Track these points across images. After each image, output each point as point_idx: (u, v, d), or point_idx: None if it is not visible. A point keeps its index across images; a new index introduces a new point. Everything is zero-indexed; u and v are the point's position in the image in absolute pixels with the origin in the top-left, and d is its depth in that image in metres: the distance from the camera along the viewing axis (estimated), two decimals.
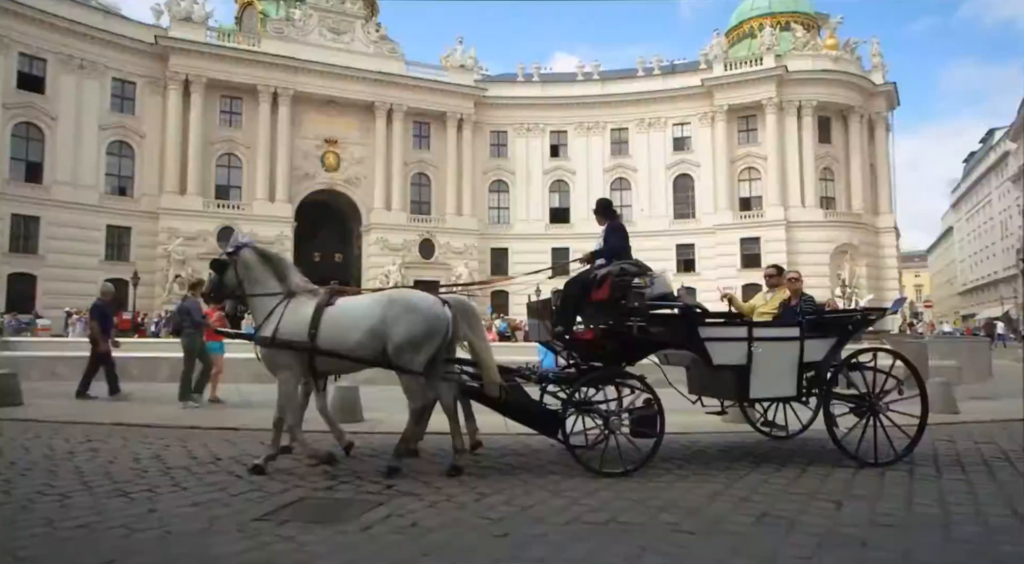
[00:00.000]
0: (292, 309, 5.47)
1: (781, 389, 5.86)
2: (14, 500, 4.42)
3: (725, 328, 6.05)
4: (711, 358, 5.70)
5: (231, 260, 5.82)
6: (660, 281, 5.94)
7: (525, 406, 5.69)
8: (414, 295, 5.57)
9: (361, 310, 5.45)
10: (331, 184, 41.22)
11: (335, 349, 5.32)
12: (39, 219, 33.27)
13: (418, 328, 5.26)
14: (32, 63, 33.88)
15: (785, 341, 5.82)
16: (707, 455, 6.34)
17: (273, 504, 4.37)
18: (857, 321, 6.28)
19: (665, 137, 44.23)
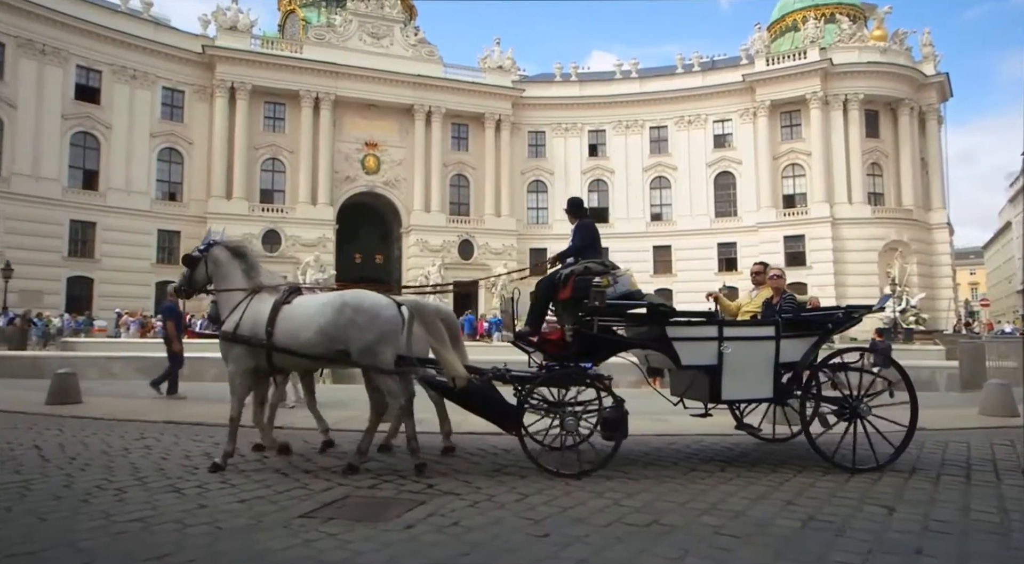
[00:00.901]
0: (253, 305, 5.65)
1: (756, 390, 5.66)
2: (75, 494, 4.60)
3: (693, 328, 5.80)
4: (679, 358, 5.58)
5: (202, 256, 6.00)
6: (624, 280, 5.80)
7: (486, 401, 5.64)
8: (366, 297, 5.61)
9: (314, 309, 5.54)
10: (371, 186, 41.81)
11: (288, 346, 5.45)
12: (95, 224, 34.64)
13: (371, 327, 5.33)
14: (88, 75, 35.31)
15: (759, 341, 5.63)
16: (751, 457, 6.22)
17: (317, 502, 4.45)
18: (838, 320, 5.94)
19: (705, 134, 43.59)
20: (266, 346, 5.49)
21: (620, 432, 5.44)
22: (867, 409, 5.57)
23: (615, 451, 5.41)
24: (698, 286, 40.16)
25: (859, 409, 5.56)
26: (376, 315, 5.38)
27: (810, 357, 5.68)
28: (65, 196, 33.79)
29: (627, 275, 5.91)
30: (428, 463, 5.49)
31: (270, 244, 37.96)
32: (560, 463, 5.33)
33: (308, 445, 6.47)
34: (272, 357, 5.56)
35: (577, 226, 6.23)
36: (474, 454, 6.18)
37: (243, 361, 5.60)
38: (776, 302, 6.16)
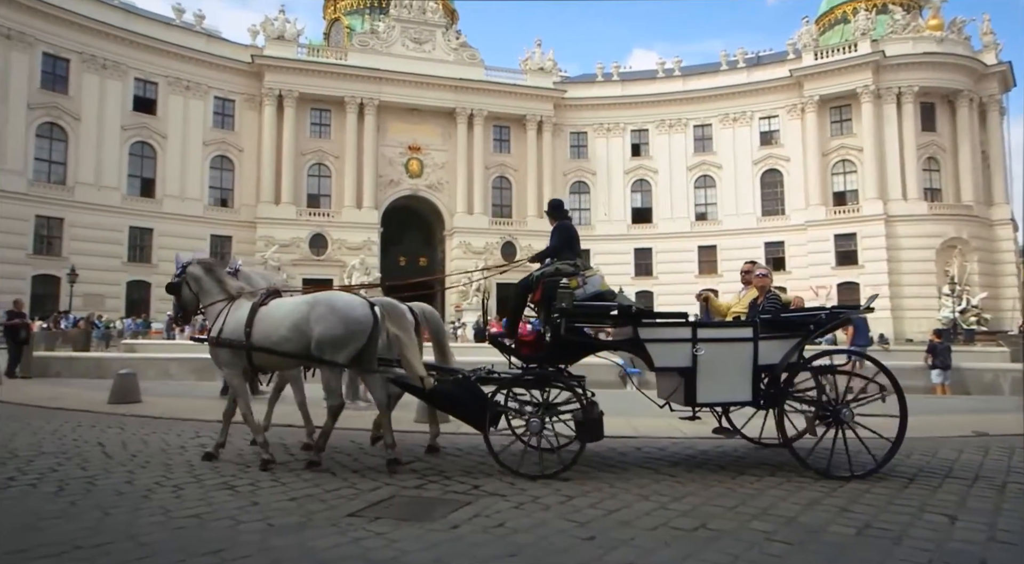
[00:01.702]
0: (233, 311, 5.93)
1: (733, 393, 5.49)
2: (136, 490, 4.79)
3: (667, 329, 5.67)
4: (652, 360, 5.49)
5: (181, 279, 6.26)
6: (593, 281, 5.71)
7: (453, 400, 5.66)
8: (338, 297, 5.77)
9: (287, 308, 5.75)
10: (415, 190, 42.33)
11: (264, 344, 5.67)
12: (152, 231, 36.02)
13: (338, 328, 5.45)
14: (146, 87, 36.77)
15: (735, 342, 5.47)
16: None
17: (365, 501, 4.52)
18: (820, 321, 5.63)
19: (751, 131, 42.73)
20: (245, 346, 5.74)
21: (592, 434, 5.41)
22: (850, 414, 5.33)
23: (579, 454, 5.34)
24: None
25: (841, 414, 5.32)
26: (346, 314, 5.51)
27: (789, 359, 5.47)
28: (125, 204, 35.26)
29: (597, 276, 5.81)
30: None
31: (316, 248, 38.78)
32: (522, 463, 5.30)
33: (355, 444, 6.58)
34: (252, 357, 5.82)
35: (555, 227, 6.20)
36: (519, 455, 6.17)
37: (233, 364, 5.92)
38: (760, 302, 6.00)
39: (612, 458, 6.14)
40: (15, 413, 8.99)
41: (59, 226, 33.12)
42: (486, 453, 5.49)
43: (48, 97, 33.24)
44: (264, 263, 36.51)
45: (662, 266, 43.21)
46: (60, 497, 4.58)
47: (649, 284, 43.23)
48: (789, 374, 5.49)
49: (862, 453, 5.27)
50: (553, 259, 5.97)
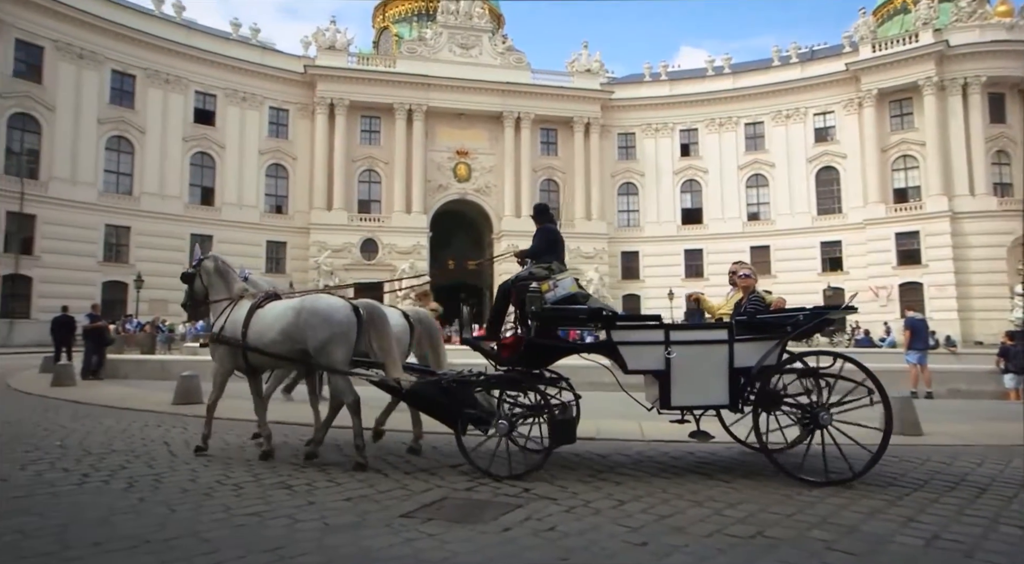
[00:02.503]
0: (235, 311, 6.23)
1: (708, 396, 5.37)
2: (199, 488, 4.97)
3: (639, 332, 5.61)
4: (625, 363, 5.42)
5: (196, 271, 6.63)
6: (564, 284, 5.67)
7: (429, 401, 5.76)
8: (320, 300, 5.95)
9: (278, 312, 5.97)
10: (463, 194, 42.70)
11: (257, 346, 5.94)
12: (212, 237, 37.31)
13: (322, 331, 5.66)
14: (205, 99, 38.21)
15: (710, 344, 5.34)
16: None
17: (417, 502, 4.58)
18: (797, 322, 5.42)
19: (805, 128, 41.57)
20: (241, 346, 6.00)
21: (561, 437, 5.45)
22: (828, 418, 5.16)
23: (547, 455, 5.36)
24: (800, 288, 38.39)
25: (820, 418, 5.16)
26: (328, 317, 5.71)
27: (765, 361, 5.30)
28: (186, 212, 36.71)
29: (569, 279, 5.78)
30: None
31: (368, 252, 39.51)
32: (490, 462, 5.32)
33: (406, 446, 6.66)
34: (247, 356, 6.06)
35: (538, 230, 6.27)
36: (569, 459, 6.15)
37: (226, 361, 6.23)
38: (743, 304, 5.89)
39: (664, 462, 6.06)
40: (89, 412, 9.45)
41: (126, 234, 34.70)
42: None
43: (116, 112, 34.91)
44: (317, 268, 37.45)
45: (713, 268, 42.33)
46: (130, 493, 4.79)
47: (700, 286, 42.35)
48: (765, 377, 5.35)
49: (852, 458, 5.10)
50: (535, 261, 6.01)
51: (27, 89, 31.81)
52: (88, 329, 15.22)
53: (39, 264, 31.24)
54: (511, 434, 5.48)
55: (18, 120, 31.72)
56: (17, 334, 29.42)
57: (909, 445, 6.92)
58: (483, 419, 5.54)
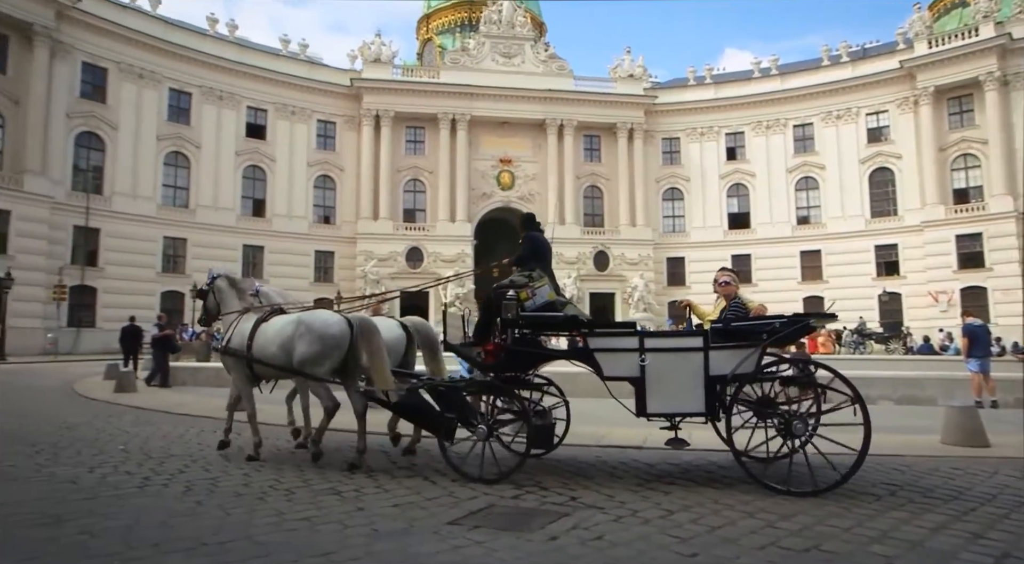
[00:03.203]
0: (241, 324, 6.64)
1: (684, 404, 5.33)
2: (252, 492, 5.10)
3: (614, 339, 5.59)
4: (601, 370, 5.46)
5: (209, 288, 7.13)
6: (542, 292, 5.78)
7: (415, 407, 5.99)
8: (316, 316, 6.30)
9: (278, 327, 6.36)
10: (507, 201, 42.87)
11: (260, 358, 6.35)
12: (263, 248, 38.46)
13: (315, 345, 6.03)
14: (256, 114, 39.44)
15: (685, 352, 5.31)
16: (926, 481, 5.60)
17: (464, 510, 4.60)
18: (774, 329, 5.27)
19: (857, 129, 40.35)
20: (246, 358, 6.40)
21: (538, 442, 5.68)
22: (802, 427, 5.07)
23: (523, 461, 5.42)
24: (854, 293, 37.22)
25: (793, 427, 5.07)
26: (323, 331, 6.07)
27: (740, 369, 5.20)
28: (239, 224, 37.89)
29: (546, 287, 5.86)
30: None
31: (413, 261, 40.01)
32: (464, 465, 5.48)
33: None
34: (252, 367, 6.46)
35: (523, 238, 6.44)
36: (616, 468, 6.09)
37: (239, 370, 6.61)
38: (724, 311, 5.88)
39: (713, 472, 5.94)
40: (149, 418, 9.81)
41: (183, 246, 35.99)
42: (584, 464, 5.48)
43: (173, 128, 36.33)
44: (364, 277, 38.10)
45: (762, 273, 41.45)
46: (187, 497, 4.95)
47: (749, 292, 41.29)
48: (739, 384, 5.24)
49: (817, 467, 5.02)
50: (520, 269, 6.17)
51: (92, 109, 33.41)
52: (157, 338, 15.78)
53: (103, 275, 32.66)
54: (490, 438, 5.56)
55: (84, 138, 33.33)
56: (83, 342, 30.79)
57: (975, 457, 6.63)
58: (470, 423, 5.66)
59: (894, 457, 6.52)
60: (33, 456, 6.54)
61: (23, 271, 27.81)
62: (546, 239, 6.51)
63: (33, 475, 5.69)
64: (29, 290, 28.33)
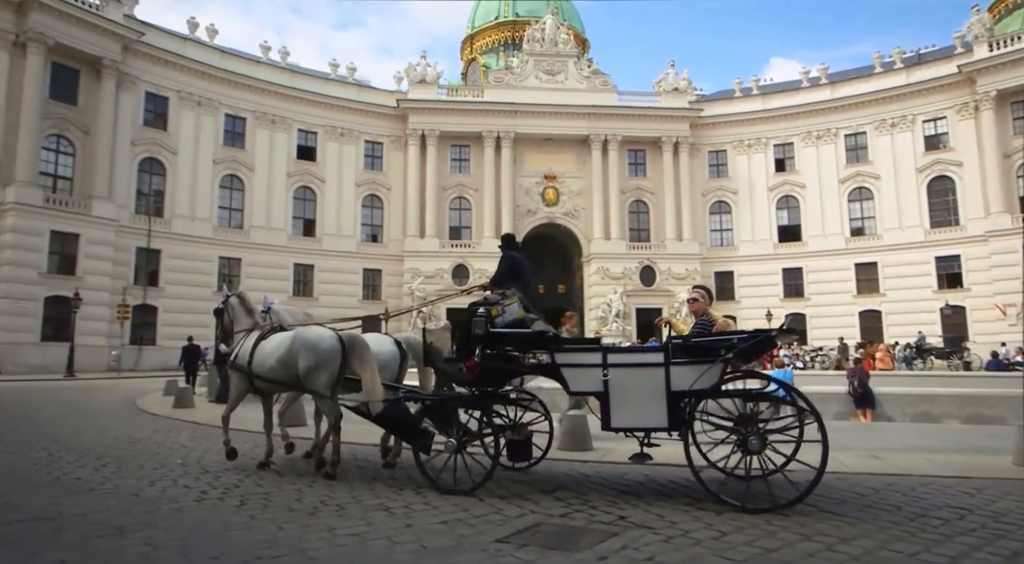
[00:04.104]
0: (246, 341, 7.07)
1: (647, 419, 5.37)
2: (304, 507, 5.19)
3: (580, 354, 5.69)
4: (568, 385, 5.60)
5: (224, 307, 7.63)
6: (511, 309, 5.99)
7: (396, 419, 6.21)
8: (310, 331, 6.63)
9: (276, 343, 6.72)
10: (552, 218, 42.93)
11: (259, 373, 6.72)
12: (313, 267, 39.42)
13: (309, 358, 6.36)
14: (307, 136, 40.66)
15: (646, 368, 5.38)
16: (999, 505, 5.31)
17: (512, 528, 4.57)
18: (732, 345, 5.21)
19: (913, 136, 39.07)
20: (247, 372, 6.81)
21: (515, 455, 6.04)
22: (757, 443, 5.01)
23: (490, 473, 5.56)
24: (914, 306, 35.83)
25: (749, 443, 5.03)
26: (315, 346, 6.40)
27: (698, 384, 5.20)
28: (290, 243, 38.97)
29: (516, 305, 6.06)
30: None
31: (459, 278, 40.33)
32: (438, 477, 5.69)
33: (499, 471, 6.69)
34: (253, 381, 6.85)
35: (501, 258, 6.72)
36: (665, 486, 5.98)
37: (240, 384, 7.05)
38: None
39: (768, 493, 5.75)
40: (206, 433, 10.12)
41: (238, 265, 37.19)
42: (632, 482, 5.42)
43: (229, 152, 37.76)
44: (411, 294, 38.62)
45: (815, 286, 40.33)
46: (242, 510, 5.07)
47: (801, 306, 40.49)
48: (695, 400, 5.25)
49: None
50: (496, 288, 6.42)
51: (154, 136, 35.04)
52: (225, 354, 16.29)
53: (163, 295, 33.99)
54: (461, 450, 5.76)
55: (147, 164, 34.94)
56: (144, 359, 32.02)
57: None
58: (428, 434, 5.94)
59: (961, 479, 6.22)
60: (100, 469, 6.81)
61: (90, 291, 29.19)
62: (524, 259, 6.78)
63: (99, 487, 5.93)
64: (95, 309, 29.68)
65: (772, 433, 5.15)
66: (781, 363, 20.77)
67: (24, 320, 28.27)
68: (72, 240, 30.24)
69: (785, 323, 6.40)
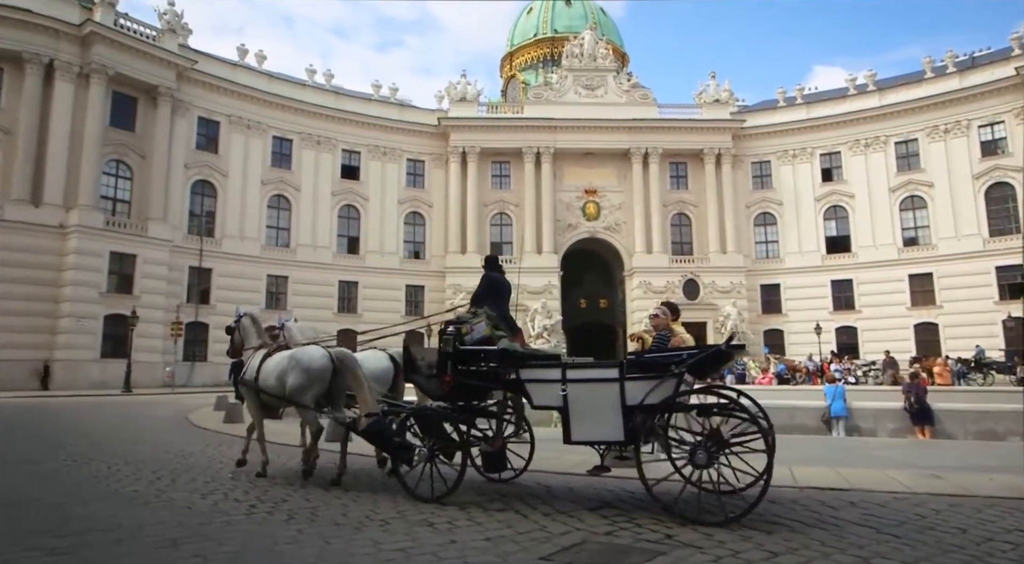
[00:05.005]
0: (253, 359, 7.52)
1: (604, 432, 5.53)
2: (350, 521, 5.25)
3: (542, 370, 5.88)
4: (532, 399, 5.81)
5: (236, 326, 8.04)
6: (479, 328, 6.25)
7: (379, 431, 6.46)
8: (304, 352, 7.10)
9: (276, 361, 7.20)
10: (593, 232, 42.80)
11: (263, 389, 7.23)
12: (357, 284, 40.10)
13: (300, 376, 6.88)
14: (350, 156, 41.61)
15: (602, 383, 5.51)
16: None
17: (556, 545, 4.53)
18: (681, 360, 5.33)
19: (968, 142, 37.72)
20: (254, 388, 7.28)
21: (489, 465, 6.35)
22: (704, 457, 5.07)
23: (458, 481, 5.85)
24: (972, 318, 34.38)
25: (695, 456, 5.09)
26: (307, 366, 6.89)
27: (650, 399, 5.31)
28: (334, 261, 39.79)
29: (483, 323, 6.30)
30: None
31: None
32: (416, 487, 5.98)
33: (542, 486, 6.65)
34: (259, 396, 7.32)
35: (481, 278, 7.07)
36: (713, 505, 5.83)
37: (251, 398, 7.51)
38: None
39: (820, 512, 5.57)
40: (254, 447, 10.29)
41: (285, 283, 38.12)
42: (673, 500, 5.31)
43: (276, 173, 38.90)
44: (453, 310, 38.89)
45: (866, 299, 39.11)
46: (290, 525, 5.15)
47: (851, 319, 39.30)
48: (646, 414, 5.32)
49: None
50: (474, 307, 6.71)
51: (206, 159, 36.37)
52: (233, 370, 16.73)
53: (214, 312, 35.00)
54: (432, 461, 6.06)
55: (199, 186, 36.26)
56: (196, 375, 32.99)
57: None
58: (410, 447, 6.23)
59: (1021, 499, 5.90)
60: (155, 482, 7.03)
61: (146, 309, 30.30)
62: (503, 279, 7.15)
63: (154, 500, 6.10)
64: (151, 327, 30.76)
65: (723, 447, 5.17)
66: (832, 378, 20.18)
67: (85, 337, 29.47)
68: (129, 260, 31.50)
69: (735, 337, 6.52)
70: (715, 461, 5.12)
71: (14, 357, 27.39)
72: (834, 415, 17.29)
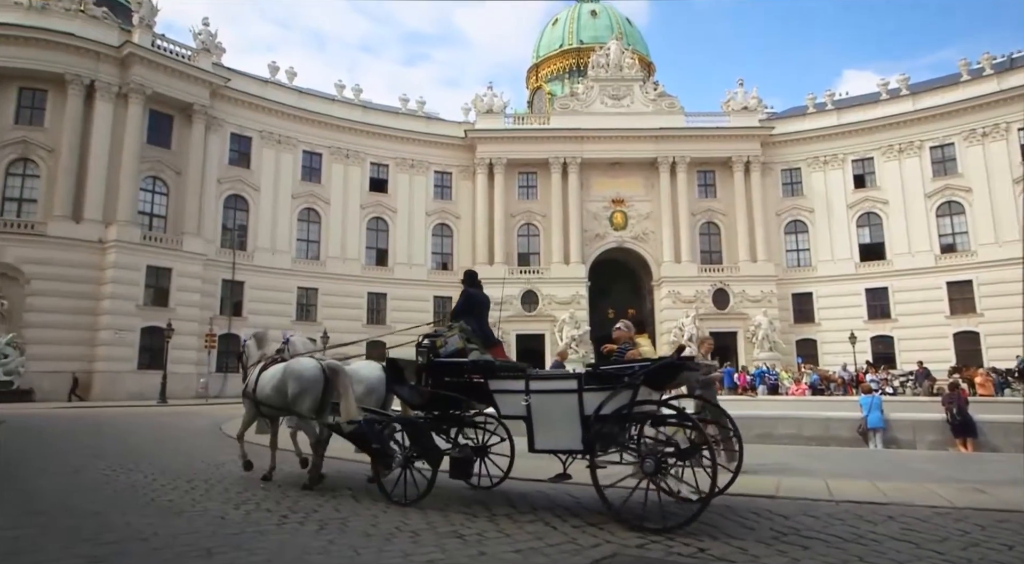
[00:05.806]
0: (253, 372, 7.95)
1: (564, 441, 5.69)
2: (380, 532, 5.26)
3: (507, 381, 6.10)
4: (500, 409, 6.06)
5: (243, 349, 8.61)
6: (452, 340, 6.54)
7: (364, 438, 6.90)
8: (298, 363, 7.43)
9: (272, 372, 7.58)
10: (620, 242, 42.62)
11: (261, 400, 7.64)
12: (385, 295, 40.47)
13: (294, 388, 7.24)
14: (378, 169, 42.15)
15: (562, 393, 5.70)
16: None
17: (587, 558, 4.48)
18: (633, 373, 5.52)
19: (1007, 145, 36.79)
20: (253, 399, 7.74)
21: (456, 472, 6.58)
22: (652, 465, 5.21)
23: (430, 487, 6.23)
24: (1015, 326, 33.23)
25: (644, 465, 5.24)
26: (300, 375, 7.26)
27: (604, 410, 5.46)
28: (363, 273, 40.25)
29: (456, 337, 6.59)
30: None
31: (528, 304, 40.47)
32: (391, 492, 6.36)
33: (572, 498, 6.60)
34: (259, 406, 7.73)
35: (460, 293, 7.43)
36: (747, 518, 5.72)
37: (249, 409, 8.04)
38: None
39: (858, 527, 5.42)
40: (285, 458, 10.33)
41: (314, 295, 38.64)
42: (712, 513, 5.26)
43: (306, 187, 39.57)
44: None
45: (902, 307, 38.21)
46: (321, 535, 5.18)
47: (887, 328, 38.40)
48: (601, 424, 5.47)
49: None
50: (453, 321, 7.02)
51: (238, 174, 37.17)
52: None
53: (246, 324, 35.49)
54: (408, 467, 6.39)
55: (231, 200, 37.06)
56: (229, 386, 33.51)
57: None
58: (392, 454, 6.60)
59: None
60: (189, 491, 7.14)
61: (181, 322, 30.96)
62: (482, 294, 7.59)
63: (188, 509, 6.20)
64: (186, 339, 31.41)
65: (670, 457, 5.35)
66: (868, 389, 19.73)
67: (123, 349, 30.20)
68: (165, 274, 32.26)
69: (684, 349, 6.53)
70: (664, 470, 5.32)
71: (56, 369, 28.18)
72: (871, 427, 16.89)
